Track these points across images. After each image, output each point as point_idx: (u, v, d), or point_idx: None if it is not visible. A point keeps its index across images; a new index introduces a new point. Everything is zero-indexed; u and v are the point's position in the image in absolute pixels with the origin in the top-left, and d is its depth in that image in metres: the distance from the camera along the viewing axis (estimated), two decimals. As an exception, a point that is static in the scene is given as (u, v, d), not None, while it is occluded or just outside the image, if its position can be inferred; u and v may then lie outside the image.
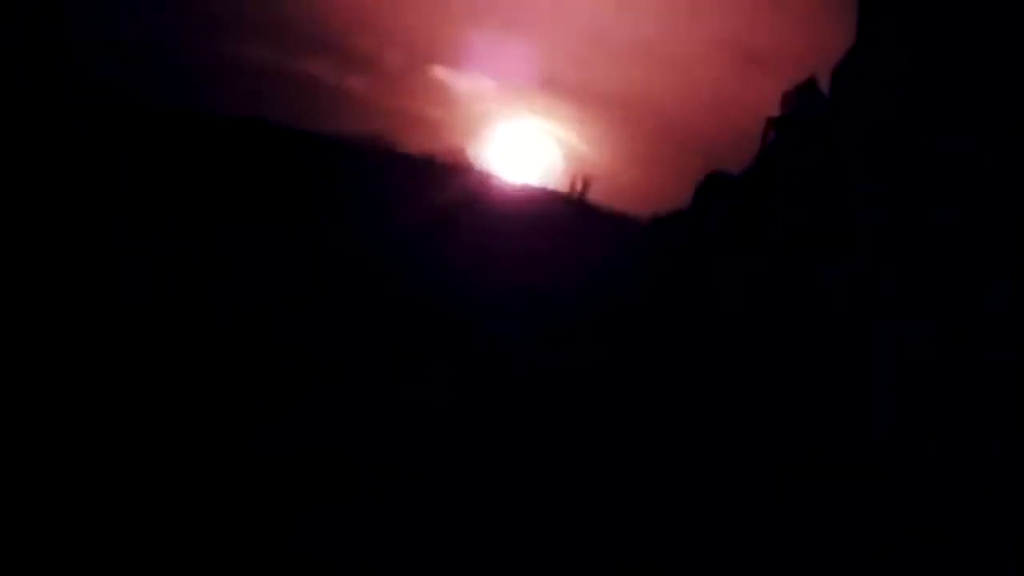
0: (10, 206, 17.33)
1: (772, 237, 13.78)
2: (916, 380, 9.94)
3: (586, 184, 22.83)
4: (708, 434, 12.05)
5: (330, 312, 17.35)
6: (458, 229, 20.45)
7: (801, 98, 16.92)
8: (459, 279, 18.76)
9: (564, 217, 21.57)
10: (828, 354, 11.18)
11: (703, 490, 11.18)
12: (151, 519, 9.29)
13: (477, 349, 16.74)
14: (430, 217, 20.66)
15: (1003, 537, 8.71)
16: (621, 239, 19.95)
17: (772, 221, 14.11)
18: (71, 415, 11.45)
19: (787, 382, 11.56)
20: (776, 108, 17.71)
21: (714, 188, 18.43)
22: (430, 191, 21.46)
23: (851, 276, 11.64)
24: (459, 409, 14.40)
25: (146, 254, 17.40)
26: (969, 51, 12.58)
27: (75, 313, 14.80)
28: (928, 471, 9.44)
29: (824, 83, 17.18)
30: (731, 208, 16.72)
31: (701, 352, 13.46)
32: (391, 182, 21.94)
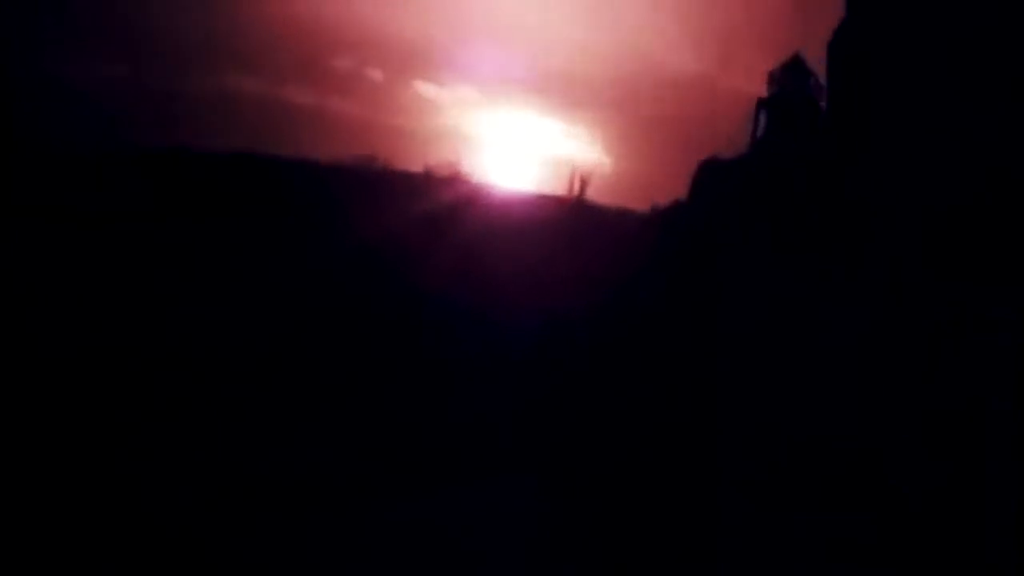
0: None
1: (771, 233, 13.55)
2: (915, 380, 9.78)
3: (584, 182, 22.64)
4: (708, 434, 11.90)
5: (335, 319, 17.49)
6: (460, 237, 20.40)
7: (787, 76, 16.57)
8: (464, 284, 18.75)
9: (564, 218, 21.41)
10: (827, 353, 11.00)
11: (703, 490, 11.05)
12: (137, 521, 9.35)
13: (481, 350, 16.73)
14: (432, 228, 20.62)
15: (1001, 537, 8.55)
16: (623, 234, 19.76)
17: (769, 215, 13.86)
18: (67, 415, 11.64)
19: (786, 382, 11.39)
20: (763, 88, 17.39)
21: (710, 175, 18.14)
22: (430, 204, 21.42)
23: (851, 275, 11.44)
24: (459, 404, 14.41)
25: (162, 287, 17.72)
26: (970, 24, 12.21)
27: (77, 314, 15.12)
28: (927, 471, 9.28)
29: (809, 60, 16.87)
30: (728, 196, 16.45)
31: (702, 351, 13.28)
32: (391, 199, 21.91)
